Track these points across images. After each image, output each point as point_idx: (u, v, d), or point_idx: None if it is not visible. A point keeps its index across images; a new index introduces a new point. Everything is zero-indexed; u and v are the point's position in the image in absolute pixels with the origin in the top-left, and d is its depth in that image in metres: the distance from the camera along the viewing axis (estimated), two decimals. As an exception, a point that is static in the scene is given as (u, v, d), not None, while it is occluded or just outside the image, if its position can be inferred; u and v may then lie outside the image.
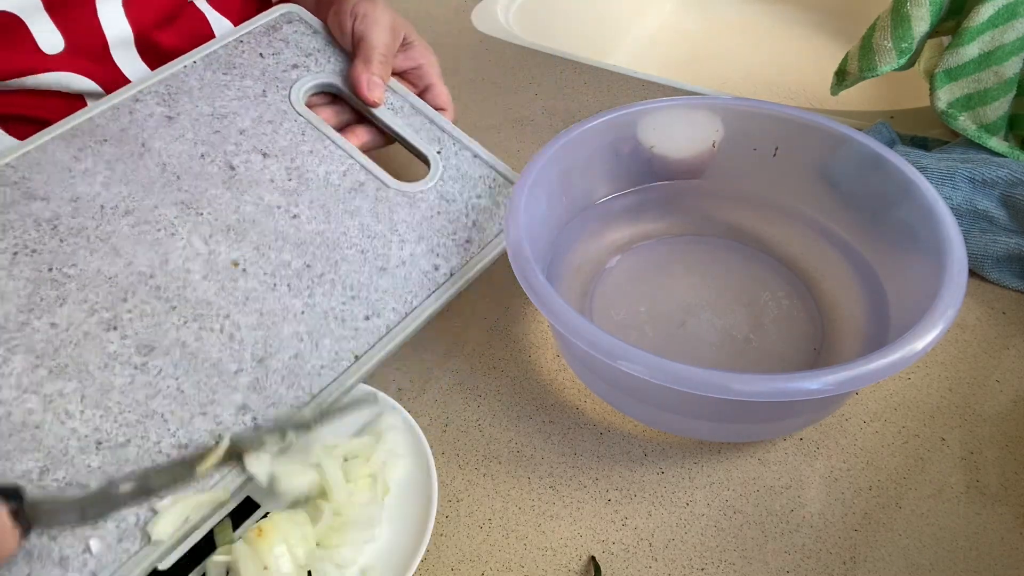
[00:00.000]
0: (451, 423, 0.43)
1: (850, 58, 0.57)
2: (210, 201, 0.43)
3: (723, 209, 0.52)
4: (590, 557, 0.37)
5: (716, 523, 0.38)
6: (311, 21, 0.54)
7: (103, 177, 0.43)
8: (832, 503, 0.39)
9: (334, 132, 0.49)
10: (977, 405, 0.43)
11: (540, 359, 0.46)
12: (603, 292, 0.48)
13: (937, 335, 0.34)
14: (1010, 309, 0.48)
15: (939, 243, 0.39)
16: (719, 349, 0.44)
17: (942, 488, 0.40)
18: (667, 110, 0.49)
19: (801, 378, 0.33)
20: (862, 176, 0.45)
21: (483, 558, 0.37)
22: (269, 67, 0.50)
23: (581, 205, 0.50)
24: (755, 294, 0.47)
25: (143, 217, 0.42)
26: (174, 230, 0.42)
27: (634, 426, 0.43)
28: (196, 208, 0.43)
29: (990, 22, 0.51)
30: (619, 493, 0.40)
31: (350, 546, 0.36)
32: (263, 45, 0.51)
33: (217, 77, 0.49)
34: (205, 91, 0.48)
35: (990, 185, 0.50)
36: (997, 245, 0.49)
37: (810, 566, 0.37)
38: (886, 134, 0.57)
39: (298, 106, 0.48)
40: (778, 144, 0.49)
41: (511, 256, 0.39)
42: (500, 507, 0.39)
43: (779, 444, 0.42)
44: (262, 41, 0.51)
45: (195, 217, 0.42)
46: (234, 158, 0.45)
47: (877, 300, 0.44)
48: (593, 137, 0.48)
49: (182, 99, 0.47)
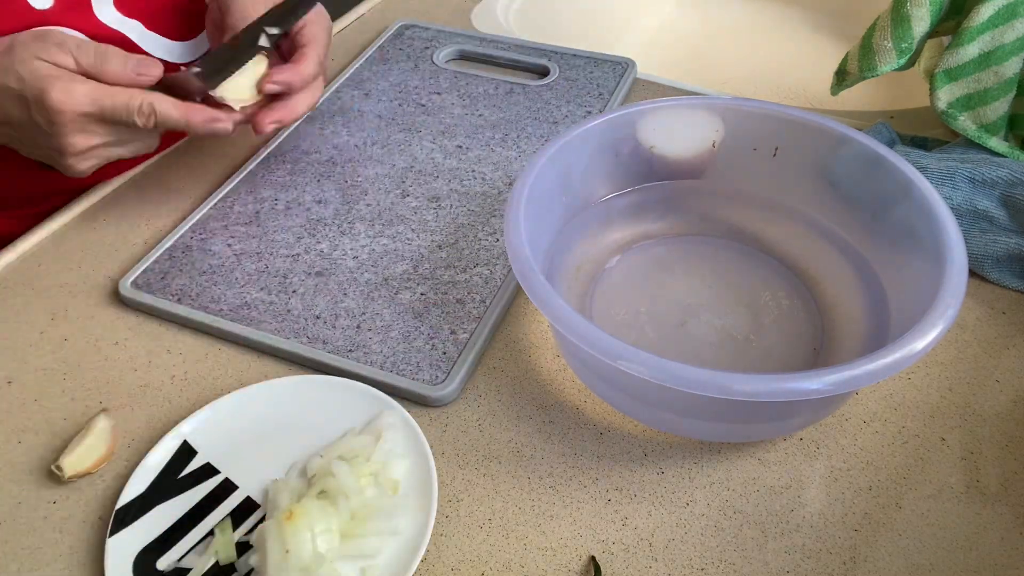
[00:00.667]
0: (451, 423, 0.43)
1: (850, 58, 0.57)
2: (419, 125, 0.64)
3: (723, 209, 0.52)
4: (590, 557, 0.37)
5: (716, 523, 0.38)
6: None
7: (345, 132, 0.63)
8: (832, 503, 0.39)
9: None
10: (977, 405, 0.43)
11: (540, 359, 0.46)
12: (603, 292, 0.48)
13: (937, 335, 0.34)
14: (1010, 309, 0.48)
15: (939, 243, 0.39)
16: (719, 349, 0.44)
17: (942, 488, 0.40)
18: (667, 110, 0.49)
19: (801, 378, 0.33)
20: (862, 176, 0.45)
21: (483, 558, 0.37)
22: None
23: (581, 205, 0.50)
24: (755, 294, 0.47)
25: (384, 142, 0.62)
26: (408, 144, 0.61)
27: (634, 426, 0.43)
28: (414, 129, 0.63)
29: (990, 22, 0.51)
30: (619, 493, 0.40)
31: (376, 536, 0.36)
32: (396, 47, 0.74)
33: (379, 68, 0.71)
34: (378, 76, 0.70)
35: (990, 185, 0.50)
36: (997, 245, 0.49)
37: (810, 566, 0.37)
38: (886, 134, 0.57)
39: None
40: (778, 144, 0.49)
41: (511, 256, 0.39)
42: (500, 507, 0.39)
43: (779, 444, 0.42)
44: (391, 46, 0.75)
45: (416, 134, 0.63)
46: (419, 101, 0.67)
47: (877, 300, 0.44)
48: (593, 137, 0.48)
49: (365, 84, 0.69)
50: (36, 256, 0.54)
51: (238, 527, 0.38)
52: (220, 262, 0.51)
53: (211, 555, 0.36)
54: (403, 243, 0.52)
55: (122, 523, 0.38)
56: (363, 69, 0.71)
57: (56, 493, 0.40)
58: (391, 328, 0.47)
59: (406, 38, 0.75)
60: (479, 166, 0.59)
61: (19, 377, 0.46)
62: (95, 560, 0.37)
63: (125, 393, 0.45)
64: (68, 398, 0.45)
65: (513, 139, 0.62)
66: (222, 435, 0.41)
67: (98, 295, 0.51)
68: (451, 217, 0.54)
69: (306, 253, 0.52)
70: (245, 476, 0.40)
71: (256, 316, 0.48)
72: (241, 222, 0.54)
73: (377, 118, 0.64)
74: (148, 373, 0.46)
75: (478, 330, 0.46)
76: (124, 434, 0.43)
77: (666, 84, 0.69)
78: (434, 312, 0.47)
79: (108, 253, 0.54)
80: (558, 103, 0.65)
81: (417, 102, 0.66)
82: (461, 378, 0.44)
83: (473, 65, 0.72)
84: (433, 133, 0.63)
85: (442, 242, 0.52)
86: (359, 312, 0.48)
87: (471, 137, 0.62)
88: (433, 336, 0.46)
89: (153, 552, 0.37)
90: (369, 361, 0.45)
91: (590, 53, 0.71)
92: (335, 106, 0.66)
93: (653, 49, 0.90)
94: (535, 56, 0.71)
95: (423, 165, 0.59)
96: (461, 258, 0.51)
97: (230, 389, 0.44)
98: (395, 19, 0.79)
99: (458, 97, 0.67)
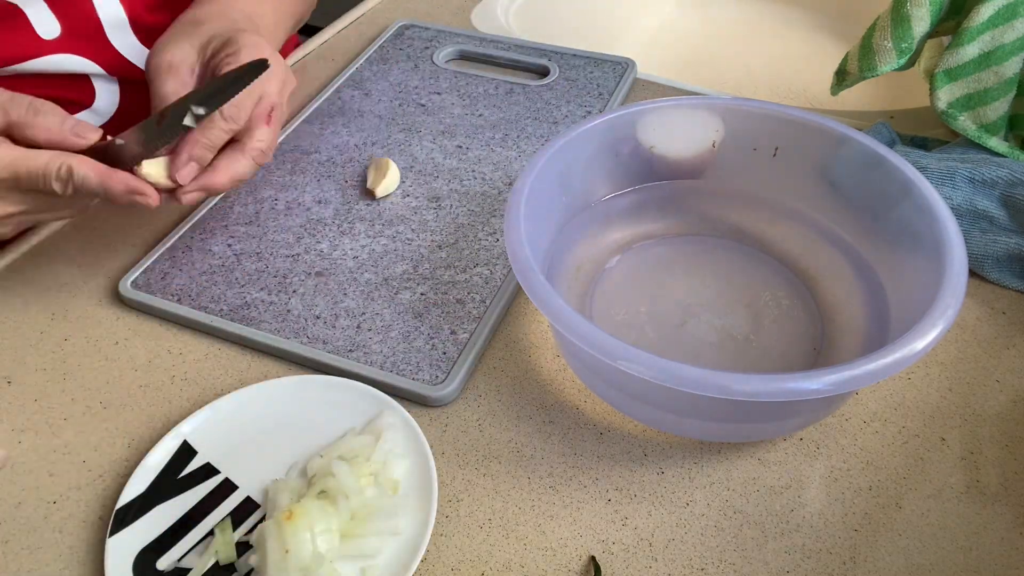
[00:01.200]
0: (451, 423, 0.43)
1: (850, 58, 0.57)
2: (419, 125, 0.64)
3: (723, 209, 0.52)
4: (590, 557, 0.37)
5: (716, 523, 0.38)
6: None
7: (345, 132, 0.63)
8: (832, 503, 0.39)
9: None
10: (977, 405, 0.43)
11: (540, 359, 0.46)
12: (603, 292, 0.48)
13: (937, 335, 0.34)
14: (1010, 309, 0.48)
15: (939, 243, 0.39)
16: (719, 349, 0.44)
17: (942, 488, 0.40)
18: (667, 110, 0.49)
19: (801, 378, 0.33)
20: (862, 176, 0.45)
21: (483, 558, 0.37)
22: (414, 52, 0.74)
23: (581, 205, 0.50)
24: (755, 294, 0.47)
25: (384, 142, 0.62)
26: (408, 143, 0.62)
27: (634, 426, 0.43)
28: (414, 129, 0.63)
29: (990, 22, 0.51)
30: (619, 493, 0.40)
31: (376, 536, 0.36)
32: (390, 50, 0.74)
33: (379, 67, 0.71)
34: (378, 76, 0.70)
35: (990, 185, 0.50)
36: (997, 245, 0.49)
37: (810, 566, 0.37)
38: (886, 134, 0.57)
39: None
40: (778, 144, 0.49)
41: (511, 256, 0.39)
42: (500, 507, 0.39)
43: (779, 444, 0.42)
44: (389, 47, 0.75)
45: (416, 133, 0.63)
46: (419, 101, 0.67)
47: (877, 300, 0.44)
48: (593, 137, 0.48)
49: (365, 84, 0.69)
50: (36, 256, 0.54)
51: (238, 527, 0.38)
52: (220, 262, 0.51)
53: (211, 555, 0.36)
54: (403, 243, 0.52)
55: (122, 523, 0.38)
56: (363, 69, 0.71)
57: (56, 493, 0.40)
58: (391, 328, 0.47)
59: (406, 38, 0.75)
60: (479, 166, 0.59)
61: (19, 377, 0.46)
62: (95, 560, 0.37)
63: (125, 393, 0.45)
64: (68, 398, 0.45)
65: (513, 139, 0.62)
66: (222, 435, 0.41)
67: (98, 295, 0.51)
68: (451, 217, 0.55)
69: (306, 253, 0.52)
70: (245, 476, 0.40)
71: (256, 316, 0.48)
72: (241, 222, 0.54)
73: (377, 118, 0.65)
74: (148, 373, 0.46)
75: (478, 330, 0.46)
76: (124, 434, 0.43)
77: (666, 84, 0.69)
78: (434, 312, 0.47)
79: (108, 253, 0.54)
80: (558, 103, 0.66)
81: (417, 102, 0.66)
82: (461, 378, 0.44)
83: (473, 65, 0.72)
84: (433, 133, 0.63)
85: (442, 242, 0.52)
86: (359, 312, 0.48)
87: (471, 137, 0.62)
88: (433, 336, 0.46)
89: (153, 552, 0.37)
90: (369, 361, 0.45)
91: (590, 53, 0.71)
92: (335, 106, 0.66)
93: (653, 49, 0.90)
94: (535, 56, 0.71)
95: (423, 165, 0.59)
96: (461, 258, 0.51)
97: (230, 389, 0.44)
98: (395, 19, 0.79)
99: (458, 97, 0.67)
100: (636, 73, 0.70)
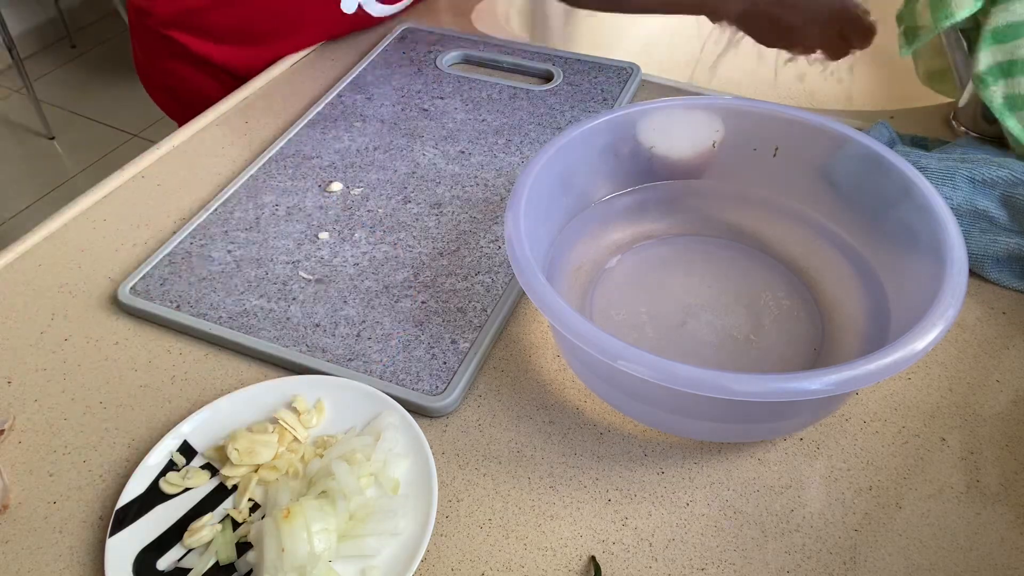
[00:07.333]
0: (451, 423, 0.43)
1: (918, 13, 0.54)
2: (421, 130, 0.64)
3: (723, 209, 0.52)
4: (590, 557, 0.37)
5: (716, 523, 0.38)
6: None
7: (347, 136, 0.63)
8: (832, 503, 0.39)
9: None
10: (977, 405, 0.43)
11: (540, 359, 0.46)
12: (603, 292, 0.48)
13: (937, 335, 0.34)
14: (1010, 309, 0.48)
15: (939, 243, 0.39)
16: (719, 349, 0.44)
17: (942, 488, 0.39)
18: (667, 110, 0.49)
19: (801, 378, 0.33)
20: (862, 176, 0.45)
21: (483, 558, 0.37)
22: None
23: (581, 205, 0.50)
24: (755, 294, 0.47)
25: (386, 147, 0.62)
26: (411, 149, 0.61)
27: (634, 426, 0.43)
28: (416, 134, 0.63)
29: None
30: (619, 493, 0.40)
31: (375, 536, 0.36)
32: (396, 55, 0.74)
33: (382, 71, 0.71)
34: (381, 80, 0.70)
35: (990, 185, 0.50)
36: (997, 245, 0.49)
37: (810, 566, 0.37)
38: (886, 134, 0.57)
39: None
40: (778, 144, 0.49)
41: (511, 256, 0.39)
42: (500, 507, 0.39)
43: (779, 444, 0.42)
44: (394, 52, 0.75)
45: (419, 138, 0.63)
46: (422, 105, 0.67)
47: (877, 300, 0.44)
48: (593, 137, 0.48)
49: (368, 88, 0.69)
50: (36, 256, 0.54)
51: (238, 527, 0.38)
52: (220, 268, 0.51)
53: (211, 555, 0.36)
54: (404, 250, 0.52)
55: (122, 523, 0.38)
56: (366, 73, 0.70)
57: (56, 493, 0.40)
58: (391, 337, 0.46)
59: (409, 42, 0.74)
60: (482, 172, 0.59)
61: (19, 377, 0.46)
62: (95, 560, 0.38)
63: (125, 393, 0.45)
64: (68, 398, 0.45)
65: (516, 144, 0.61)
66: (222, 435, 0.41)
67: (98, 295, 0.51)
68: (453, 224, 0.54)
69: (306, 260, 0.52)
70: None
71: (255, 324, 0.47)
72: (241, 228, 0.54)
73: (379, 123, 0.64)
74: (148, 373, 0.46)
75: (479, 340, 0.46)
76: (124, 434, 0.43)
77: (667, 84, 0.69)
78: (435, 321, 0.47)
79: (108, 253, 0.54)
80: (562, 108, 0.65)
81: (420, 106, 0.66)
82: (461, 388, 0.44)
83: (477, 70, 0.72)
84: (436, 138, 0.62)
85: (443, 249, 0.52)
86: (359, 320, 0.47)
87: (474, 142, 0.62)
88: (433, 345, 0.46)
89: (153, 552, 0.37)
90: (369, 370, 0.44)
91: (594, 58, 0.71)
92: (337, 111, 0.66)
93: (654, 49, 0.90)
94: (539, 61, 0.71)
95: (425, 171, 0.59)
96: (463, 266, 0.51)
97: (230, 390, 0.44)
98: (398, 22, 0.79)
99: (461, 102, 0.66)
100: (640, 77, 0.69)
